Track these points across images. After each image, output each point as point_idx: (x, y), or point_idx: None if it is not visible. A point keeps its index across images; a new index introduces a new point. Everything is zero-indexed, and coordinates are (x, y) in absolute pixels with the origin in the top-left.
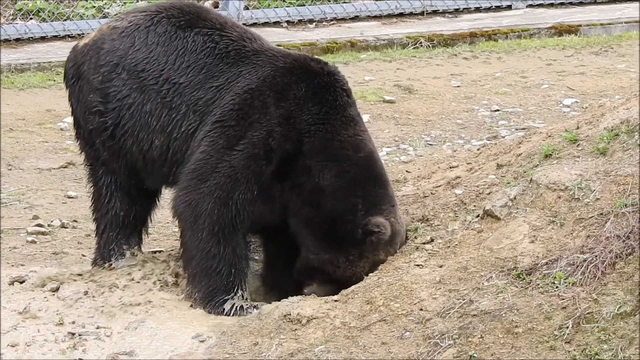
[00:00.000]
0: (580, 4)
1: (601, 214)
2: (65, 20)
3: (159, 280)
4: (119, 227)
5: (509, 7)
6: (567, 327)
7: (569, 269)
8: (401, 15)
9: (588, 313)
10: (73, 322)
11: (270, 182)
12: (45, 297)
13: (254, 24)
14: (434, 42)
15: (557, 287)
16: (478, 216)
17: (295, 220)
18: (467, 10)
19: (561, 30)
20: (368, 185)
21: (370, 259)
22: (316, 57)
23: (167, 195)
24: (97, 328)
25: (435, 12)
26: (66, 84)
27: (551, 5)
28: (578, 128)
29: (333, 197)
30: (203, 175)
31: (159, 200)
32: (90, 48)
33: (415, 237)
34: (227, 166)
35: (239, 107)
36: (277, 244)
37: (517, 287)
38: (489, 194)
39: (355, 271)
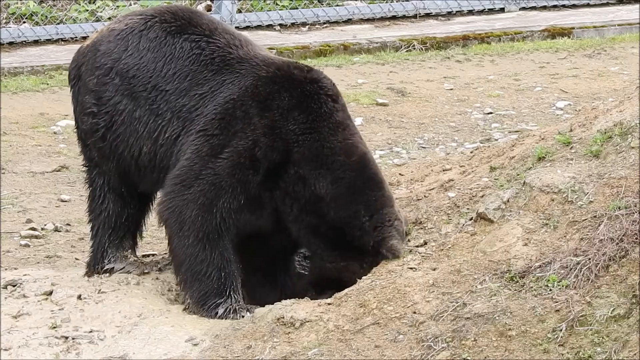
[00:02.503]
0: (574, 6)
1: (594, 216)
2: (58, 23)
3: (152, 284)
4: (111, 229)
5: (502, 10)
6: (561, 330)
7: (562, 271)
8: (394, 18)
9: (581, 316)
10: (66, 326)
11: (258, 191)
12: (38, 301)
13: (247, 27)
14: (427, 45)
15: (550, 290)
16: (471, 219)
17: (298, 227)
18: (460, 13)
19: (554, 33)
20: (366, 189)
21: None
22: (300, 63)
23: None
24: (91, 331)
25: (428, 15)
26: (70, 85)
27: (544, 7)
28: (571, 131)
29: (335, 204)
30: (187, 182)
31: (152, 204)
32: (89, 49)
33: (409, 240)
34: (211, 173)
35: (221, 116)
36: (255, 251)
37: (510, 290)
38: (482, 196)
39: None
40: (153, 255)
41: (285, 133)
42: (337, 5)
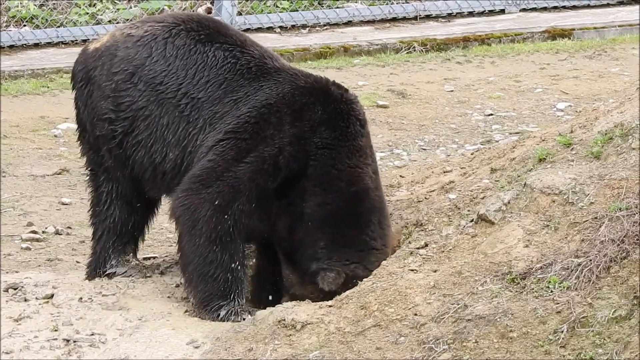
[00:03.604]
0: (574, 7)
1: (595, 218)
2: (58, 27)
3: (153, 287)
4: (116, 235)
5: (503, 11)
6: (562, 332)
7: (563, 273)
8: (394, 19)
9: (583, 317)
10: (68, 329)
11: (270, 198)
12: (39, 304)
13: (247, 30)
14: (427, 46)
15: (551, 291)
16: (472, 221)
17: (274, 234)
18: (461, 15)
19: (555, 34)
20: (342, 224)
21: (319, 292)
22: (338, 82)
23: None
24: (92, 335)
25: (428, 17)
26: (73, 87)
27: (544, 9)
28: (572, 132)
29: (306, 226)
30: (206, 182)
31: (158, 209)
32: (103, 54)
33: (410, 242)
34: (232, 176)
35: (255, 120)
36: (269, 255)
37: (511, 291)
38: (483, 198)
39: (303, 294)
40: (154, 258)
41: (308, 145)
42: (337, 7)
